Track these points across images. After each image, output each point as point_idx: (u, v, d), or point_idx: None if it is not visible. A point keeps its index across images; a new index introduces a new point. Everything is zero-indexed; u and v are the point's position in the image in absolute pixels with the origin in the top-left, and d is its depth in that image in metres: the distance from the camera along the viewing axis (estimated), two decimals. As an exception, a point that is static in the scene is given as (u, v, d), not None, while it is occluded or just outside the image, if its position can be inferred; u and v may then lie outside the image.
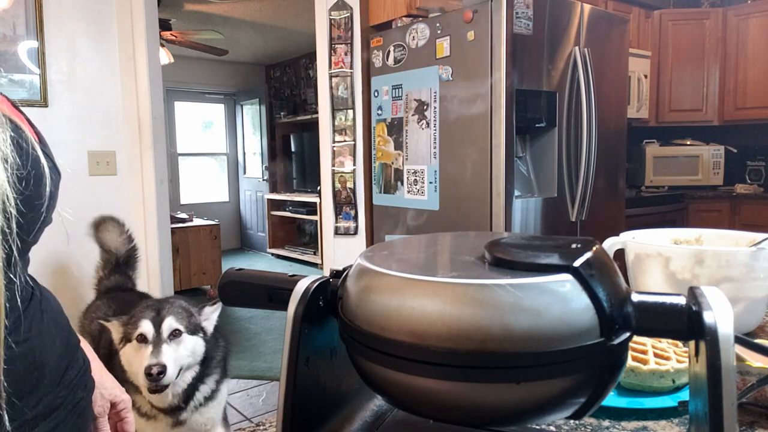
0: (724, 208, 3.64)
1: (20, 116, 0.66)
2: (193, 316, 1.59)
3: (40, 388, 0.66)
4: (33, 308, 0.67)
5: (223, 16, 5.14)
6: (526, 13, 2.26)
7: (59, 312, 0.75)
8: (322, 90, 2.94)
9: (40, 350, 0.66)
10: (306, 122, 6.59)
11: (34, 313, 0.67)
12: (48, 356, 0.67)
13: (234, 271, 0.61)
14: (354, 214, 2.96)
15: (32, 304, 0.67)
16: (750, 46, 3.71)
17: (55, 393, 0.68)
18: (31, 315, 0.66)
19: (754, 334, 0.90)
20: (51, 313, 0.71)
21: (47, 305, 0.71)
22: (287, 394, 0.46)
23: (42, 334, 0.67)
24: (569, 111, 2.49)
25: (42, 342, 0.67)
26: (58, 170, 0.68)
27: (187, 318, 1.57)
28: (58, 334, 0.71)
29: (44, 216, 0.62)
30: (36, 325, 0.66)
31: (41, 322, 0.68)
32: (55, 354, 0.69)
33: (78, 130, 2.51)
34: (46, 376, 0.67)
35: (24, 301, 0.65)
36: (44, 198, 0.60)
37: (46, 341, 0.68)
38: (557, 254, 0.41)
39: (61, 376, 0.70)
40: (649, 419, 0.64)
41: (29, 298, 0.67)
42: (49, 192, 0.61)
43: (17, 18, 2.34)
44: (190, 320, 1.57)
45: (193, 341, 1.56)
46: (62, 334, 0.72)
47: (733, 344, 0.37)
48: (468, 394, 0.40)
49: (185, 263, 4.88)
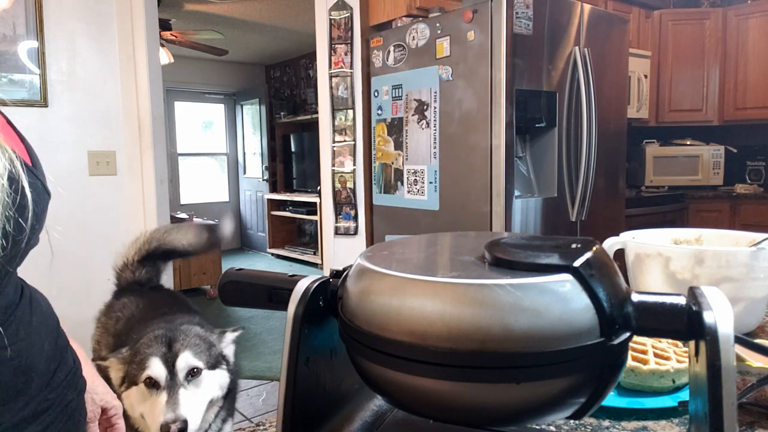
0: (724, 208, 3.64)
1: (13, 136, 0.65)
2: (213, 346, 1.28)
3: (28, 391, 0.65)
4: (21, 311, 0.66)
5: (223, 16, 5.14)
6: (526, 13, 2.26)
7: (49, 313, 0.74)
8: (322, 90, 2.94)
9: (27, 354, 0.65)
10: (306, 122, 6.59)
11: (22, 316, 0.66)
12: (36, 359, 0.66)
13: (234, 271, 0.61)
14: (354, 214, 2.96)
15: (20, 307, 0.66)
16: (750, 46, 3.71)
17: (44, 395, 0.67)
18: (19, 318, 0.65)
19: (754, 334, 0.90)
20: (40, 316, 0.71)
21: (37, 307, 0.71)
22: (287, 394, 0.46)
23: (30, 337, 0.66)
24: (569, 111, 2.49)
25: (29, 345, 0.66)
26: (48, 191, 0.67)
27: (206, 350, 1.25)
28: (47, 336, 0.70)
29: (24, 246, 0.61)
30: (24, 329, 0.65)
31: (29, 325, 0.67)
32: (43, 357, 0.68)
33: (78, 130, 2.51)
34: (33, 379, 0.66)
35: (11, 306, 0.64)
36: (25, 231, 0.59)
37: (34, 344, 0.67)
38: (557, 254, 0.41)
39: (50, 379, 0.69)
40: (649, 419, 0.64)
41: (17, 301, 0.66)
42: (30, 224, 0.59)
43: (17, 18, 2.34)
44: (210, 352, 1.26)
45: (216, 377, 1.26)
46: (51, 336, 0.72)
47: (733, 344, 0.37)
48: (468, 394, 0.40)
49: (185, 263, 4.88)
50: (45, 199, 0.65)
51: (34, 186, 0.62)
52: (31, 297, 0.70)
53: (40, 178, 0.64)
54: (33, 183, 0.61)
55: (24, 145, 0.67)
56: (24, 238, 0.59)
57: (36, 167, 0.65)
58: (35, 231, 0.63)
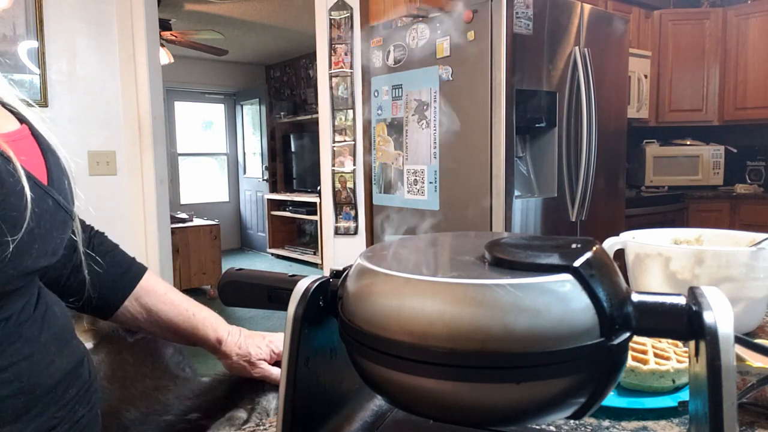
0: (724, 208, 3.64)
1: (34, 151, 0.63)
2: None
3: (30, 411, 0.61)
4: (27, 329, 0.62)
5: (223, 16, 5.14)
6: (526, 13, 2.26)
7: (64, 327, 0.70)
8: (322, 90, 2.94)
9: (29, 374, 0.61)
10: (306, 122, 6.59)
11: (30, 333, 0.62)
12: (41, 379, 0.62)
13: (234, 271, 0.61)
14: (354, 214, 2.96)
15: (28, 324, 0.62)
16: (750, 46, 3.71)
17: (51, 413, 0.64)
18: (26, 336, 0.61)
19: (754, 334, 0.90)
20: (53, 329, 0.66)
21: (51, 321, 0.66)
22: (287, 394, 0.46)
23: (33, 355, 0.62)
24: (569, 111, 2.49)
25: (32, 365, 0.62)
26: (67, 210, 0.64)
27: None
28: (58, 352, 0.66)
29: (11, 257, 0.56)
30: (26, 348, 0.61)
31: (36, 343, 0.63)
32: (53, 374, 0.64)
33: (78, 130, 2.51)
34: (39, 399, 0.62)
35: (14, 325, 0.61)
36: (15, 240, 0.55)
37: (40, 363, 0.63)
38: (557, 254, 0.41)
39: (59, 396, 0.65)
40: (649, 419, 0.64)
41: (28, 317, 0.63)
42: (24, 231, 0.55)
43: (17, 18, 2.34)
44: None
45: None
46: (64, 352, 0.67)
47: (733, 344, 0.37)
48: (468, 394, 0.40)
49: (185, 263, 4.88)
50: (59, 217, 0.62)
51: (43, 201, 0.59)
52: (45, 311, 0.66)
53: (53, 195, 0.61)
54: (41, 199, 0.59)
55: (45, 160, 0.64)
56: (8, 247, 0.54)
57: (53, 185, 0.63)
58: (36, 243, 0.59)
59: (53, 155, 0.67)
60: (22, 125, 0.66)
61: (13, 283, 0.59)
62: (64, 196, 0.64)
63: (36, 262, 0.60)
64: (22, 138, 0.64)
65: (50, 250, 0.62)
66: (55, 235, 0.63)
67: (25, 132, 0.65)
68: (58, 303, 0.71)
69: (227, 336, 0.85)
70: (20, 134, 0.64)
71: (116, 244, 0.85)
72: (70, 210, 0.66)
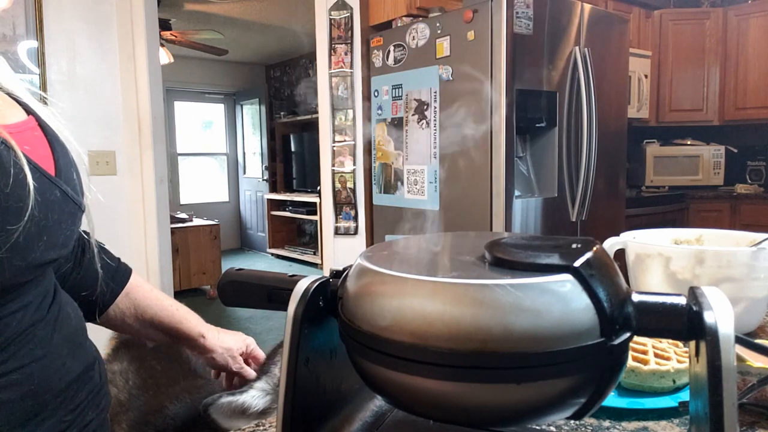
0: (724, 208, 3.64)
1: (42, 142, 0.62)
2: None
3: (39, 415, 0.60)
4: (41, 330, 0.61)
5: (223, 16, 5.14)
6: (526, 13, 2.26)
7: (77, 328, 0.69)
8: (322, 90, 2.94)
9: (39, 377, 0.60)
10: (306, 122, 6.59)
11: (43, 334, 0.61)
12: (52, 381, 0.61)
13: (234, 271, 0.61)
14: (354, 214, 2.96)
15: (41, 325, 0.61)
16: (750, 46, 3.70)
17: (60, 416, 0.62)
18: (39, 337, 0.60)
19: (755, 334, 0.90)
20: (66, 331, 0.65)
21: (64, 322, 0.66)
22: (287, 394, 0.46)
23: (45, 357, 0.61)
24: (569, 111, 2.49)
25: (43, 367, 0.60)
26: (76, 201, 0.63)
27: None
28: (69, 355, 0.65)
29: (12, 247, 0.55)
30: (38, 349, 0.60)
31: (48, 344, 0.62)
32: (64, 377, 0.63)
33: (78, 130, 2.48)
34: (48, 402, 0.61)
35: (27, 324, 0.59)
36: (17, 229, 0.54)
37: (51, 365, 0.61)
38: (557, 254, 0.41)
39: (70, 399, 0.64)
40: (650, 419, 0.64)
41: (41, 317, 0.61)
42: (26, 222, 0.54)
43: (17, 18, 2.34)
44: None
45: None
46: (75, 354, 0.66)
47: (734, 344, 0.37)
48: (468, 394, 0.40)
49: (185, 263, 4.88)
50: (67, 208, 0.61)
51: (50, 192, 0.58)
52: (59, 312, 0.65)
53: (61, 186, 0.61)
54: (47, 189, 0.58)
55: (53, 152, 0.63)
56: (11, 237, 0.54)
57: (61, 176, 0.62)
58: (44, 234, 0.58)
59: (61, 147, 0.66)
60: (29, 116, 0.65)
61: (23, 276, 0.58)
62: (72, 188, 0.63)
63: (44, 255, 0.59)
64: (27, 129, 0.63)
65: (59, 242, 0.61)
66: (64, 227, 0.61)
67: (31, 123, 0.64)
68: (71, 303, 0.70)
69: (208, 331, 0.89)
70: (26, 125, 0.63)
71: (102, 243, 0.85)
72: (80, 201, 0.65)
